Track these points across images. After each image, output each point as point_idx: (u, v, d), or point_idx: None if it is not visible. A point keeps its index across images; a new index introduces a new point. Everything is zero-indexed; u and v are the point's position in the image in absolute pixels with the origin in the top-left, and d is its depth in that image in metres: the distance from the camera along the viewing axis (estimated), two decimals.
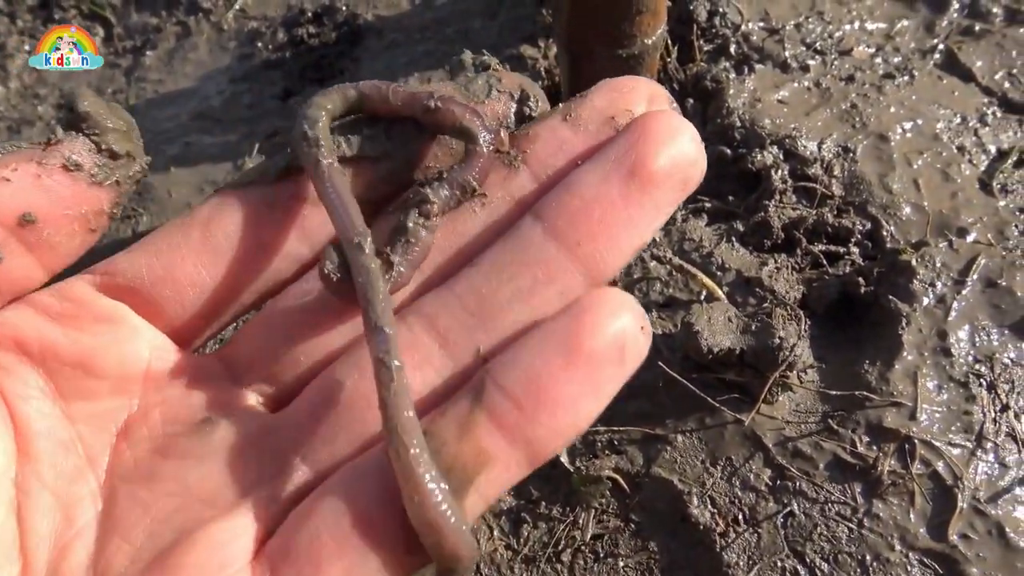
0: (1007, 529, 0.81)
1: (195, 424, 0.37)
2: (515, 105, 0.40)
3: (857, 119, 1.15)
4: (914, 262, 0.97)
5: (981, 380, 0.90)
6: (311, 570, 0.31)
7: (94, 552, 0.34)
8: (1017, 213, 1.04)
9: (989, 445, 0.86)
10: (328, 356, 0.38)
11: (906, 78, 1.21)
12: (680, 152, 0.34)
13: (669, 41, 1.22)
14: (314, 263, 0.40)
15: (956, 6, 1.29)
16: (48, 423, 0.36)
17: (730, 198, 1.11)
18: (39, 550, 0.34)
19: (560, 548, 0.89)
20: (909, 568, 0.81)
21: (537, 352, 0.32)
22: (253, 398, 0.39)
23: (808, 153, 1.10)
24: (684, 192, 0.35)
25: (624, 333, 0.32)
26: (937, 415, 0.88)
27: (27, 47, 1.58)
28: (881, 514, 0.84)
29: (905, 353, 0.92)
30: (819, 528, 0.84)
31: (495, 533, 0.91)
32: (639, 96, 0.37)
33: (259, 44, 1.48)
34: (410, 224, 0.36)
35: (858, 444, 0.87)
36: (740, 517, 0.86)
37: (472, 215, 0.38)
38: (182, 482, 0.35)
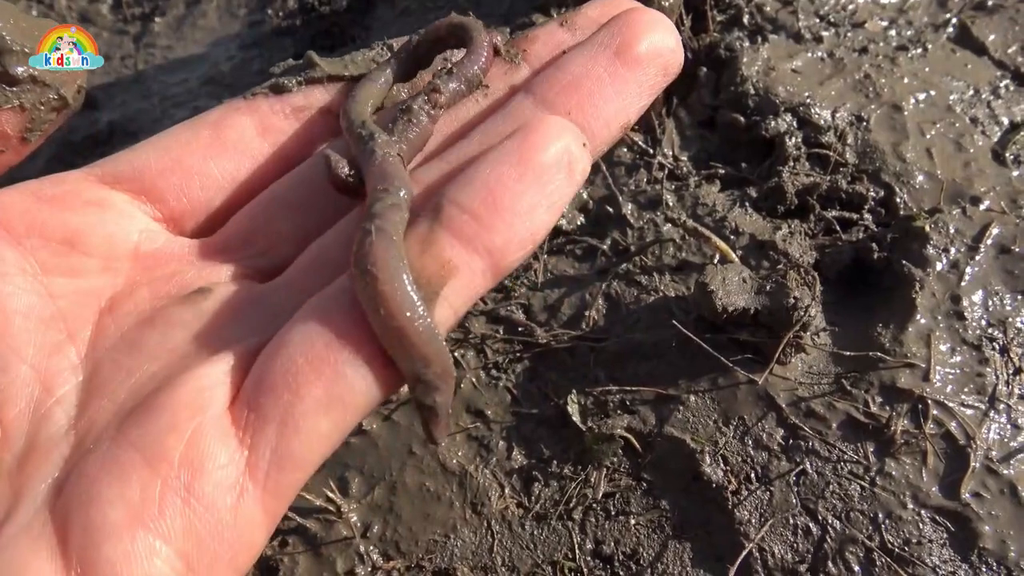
0: (1019, 488, 0.82)
1: (186, 295, 0.37)
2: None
3: (870, 89, 1.15)
4: (928, 228, 0.97)
5: (994, 343, 0.90)
6: (290, 397, 0.31)
7: (75, 416, 0.34)
8: None
9: (1002, 406, 0.86)
10: (324, 229, 0.39)
11: (919, 50, 1.20)
12: (661, 40, 0.38)
13: (683, 10, 1.22)
14: None
15: None
16: (27, 300, 0.36)
17: (743, 165, 1.11)
18: (18, 420, 0.34)
19: (572, 506, 0.89)
20: (921, 526, 0.81)
21: (490, 169, 0.33)
22: (247, 271, 0.39)
23: (822, 121, 1.10)
24: (664, 78, 0.38)
25: (569, 147, 0.34)
26: (950, 377, 0.89)
27: (34, 12, 1.57)
28: (894, 473, 0.84)
29: (918, 316, 0.92)
30: (831, 486, 0.84)
31: (506, 491, 0.91)
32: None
33: (269, 11, 1.47)
34: (414, 106, 0.38)
35: (871, 404, 0.87)
36: (752, 475, 0.86)
37: (475, 104, 0.41)
38: (169, 345, 0.35)
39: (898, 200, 1.03)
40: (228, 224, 0.40)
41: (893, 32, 1.24)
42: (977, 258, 0.96)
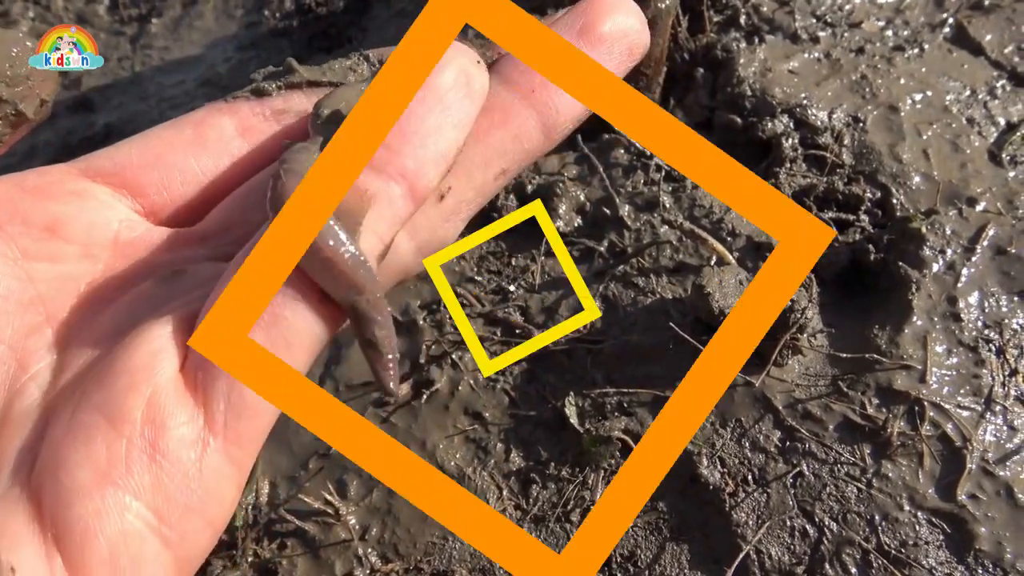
0: (1015, 490, 0.82)
1: (163, 277, 0.39)
2: None
3: (867, 90, 1.15)
4: (924, 230, 0.98)
5: (990, 345, 0.91)
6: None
7: (47, 390, 0.35)
8: None
9: (998, 408, 0.87)
10: None
11: (916, 51, 1.21)
12: (625, 21, 0.39)
13: (680, 11, 1.22)
14: None
15: None
16: (7, 284, 0.37)
17: None
18: None
19: (569, 508, 0.89)
20: (917, 527, 0.81)
21: None
22: (224, 257, 0.40)
23: (818, 122, 1.11)
24: (630, 59, 0.39)
25: (465, 68, 0.36)
26: (946, 378, 0.89)
27: (31, 13, 1.57)
28: (890, 474, 0.84)
29: (915, 318, 0.92)
30: (828, 488, 0.84)
31: (504, 493, 0.91)
32: None
33: (266, 12, 1.47)
34: None
35: (868, 406, 0.88)
36: (749, 477, 0.87)
37: None
38: (136, 320, 0.36)
39: (895, 201, 1.03)
40: (207, 217, 0.42)
41: (890, 32, 1.24)
42: (973, 259, 0.96)
